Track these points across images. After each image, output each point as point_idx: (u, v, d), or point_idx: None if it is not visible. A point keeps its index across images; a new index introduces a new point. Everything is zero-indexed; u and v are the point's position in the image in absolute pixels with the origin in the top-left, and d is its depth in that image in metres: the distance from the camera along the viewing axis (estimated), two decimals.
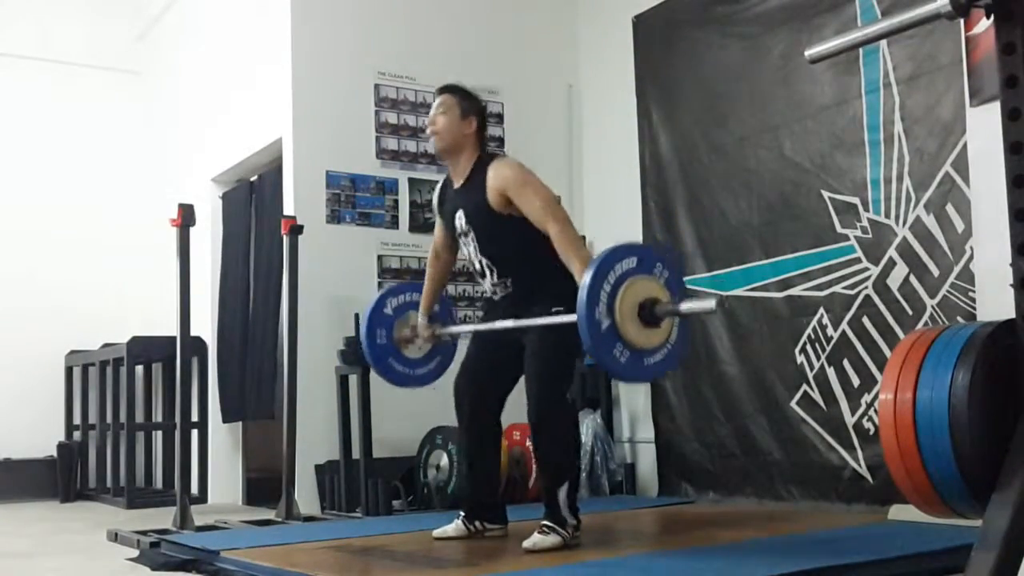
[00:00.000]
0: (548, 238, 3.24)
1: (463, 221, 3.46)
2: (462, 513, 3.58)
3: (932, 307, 4.01)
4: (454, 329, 3.77)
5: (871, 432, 4.17)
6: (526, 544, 3.19)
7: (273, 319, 5.67)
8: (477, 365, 3.57)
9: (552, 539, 3.20)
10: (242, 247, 6.13)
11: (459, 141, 3.48)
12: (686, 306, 2.85)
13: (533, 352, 3.32)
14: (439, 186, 3.68)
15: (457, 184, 3.52)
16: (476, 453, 3.60)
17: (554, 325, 3.24)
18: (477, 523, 3.55)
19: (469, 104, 3.52)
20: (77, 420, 7.03)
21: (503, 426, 3.65)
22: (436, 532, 3.57)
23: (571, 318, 2.88)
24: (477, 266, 3.50)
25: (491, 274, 3.45)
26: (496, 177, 3.35)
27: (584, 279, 2.78)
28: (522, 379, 3.42)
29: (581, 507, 3.36)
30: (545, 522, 3.25)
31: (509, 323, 3.37)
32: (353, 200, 5.42)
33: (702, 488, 4.97)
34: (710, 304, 2.83)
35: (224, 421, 6.18)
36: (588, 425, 5.14)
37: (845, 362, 4.33)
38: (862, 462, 4.24)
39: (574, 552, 3.18)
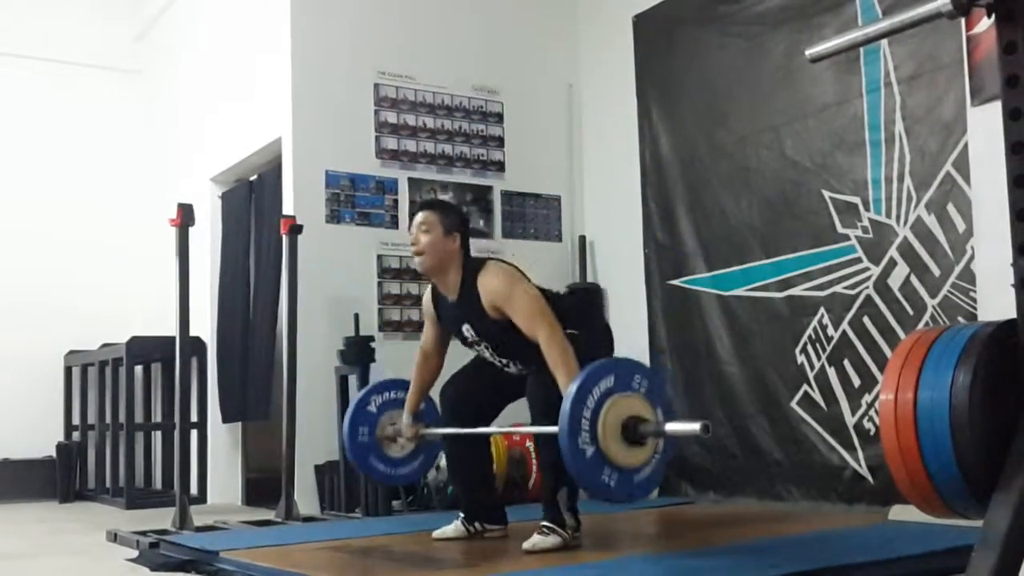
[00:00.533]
0: (563, 307, 3.26)
1: (472, 334, 3.42)
2: (461, 514, 3.58)
3: (933, 307, 4.01)
4: (439, 430, 3.66)
5: (871, 432, 4.17)
6: (526, 545, 3.19)
7: (272, 319, 5.67)
8: (476, 383, 3.53)
9: (552, 540, 3.20)
10: (241, 247, 6.12)
11: (444, 259, 3.39)
12: (671, 427, 2.78)
13: (537, 379, 3.24)
14: (429, 294, 3.57)
15: (451, 298, 3.44)
16: (464, 459, 3.62)
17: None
18: (477, 524, 3.55)
19: (451, 220, 3.42)
20: (76, 420, 7.03)
21: (504, 424, 3.65)
22: (436, 533, 3.56)
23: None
24: (497, 365, 3.48)
25: (513, 365, 3.44)
26: (486, 293, 3.28)
27: (563, 409, 2.70)
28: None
29: (581, 507, 3.36)
30: (545, 523, 3.25)
31: (490, 429, 3.39)
32: (353, 200, 5.41)
33: (702, 488, 4.97)
34: (695, 427, 2.74)
35: (224, 421, 6.18)
36: None
37: (846, 362, 4.33)
38: (862, 462, 4.23)
39: (574, 553, 3.17)
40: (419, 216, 3.46)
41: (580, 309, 3.54)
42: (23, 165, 7.26)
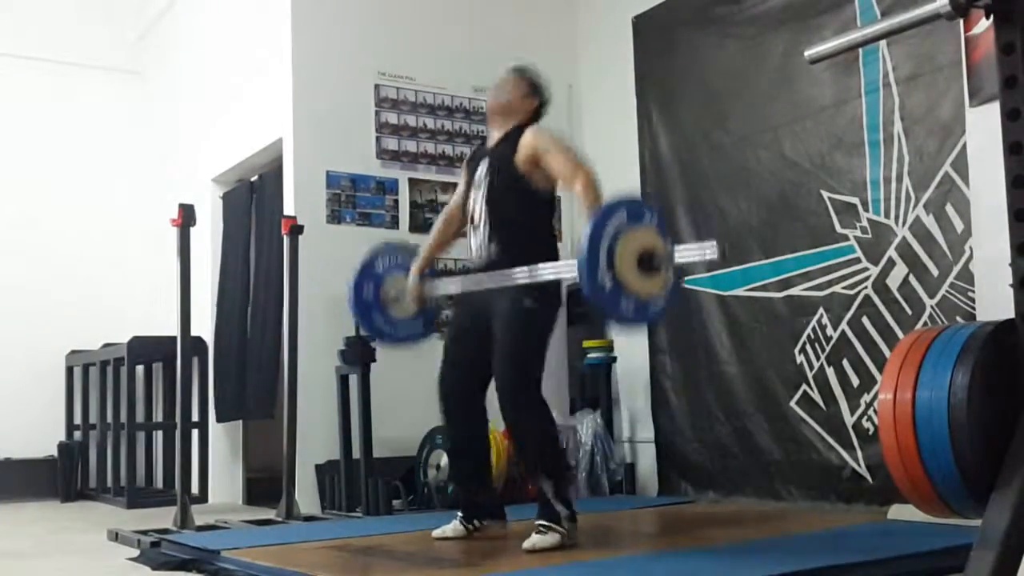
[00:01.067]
0: (547, 218, 3.48)
1: (483, 169, 3.52)
2: (460, 514, 3.59)
3: (931, 307, 4.02)
4: (441, 285, 3.73)
5: (870, 432, 4.18)
6: (525, 545, 3.20)
7: (274, 319, 5.67)
8: (457, 357, 3.58)
9: (551, 538, 3.21)
10: (242, 247, 6.12)
11: (513, 109, 3.58)
12: (683, 251, 2.95)
13: (499, 345, 3.33)
14: (470, 153, 3.77)
15: (491, 143, 3.61)
16: (466, 450, 3.64)
17: (520, 311, 3.31)
18: (475, 521, 3.56)
19: (539, 91, 3.63)
20: (77, 420, 7.03)
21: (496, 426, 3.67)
22: (435, 532, 3.57)
23: (554, 274, 3.13)
24: (476, 215, 3.50)
25: (484, 228, 3.46)
26: (527, 142, 3.44)
27: (581, 246, 2.86)
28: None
29: (581, 507, 3.37)
30: (540, 521, 3.26)
31: (495, 279, 3.40)
32: (353, 200, 5.42)
33: (702, 488, 4.97)
34: (711, 252, 2.88)
35: (218, 421, 6.18)
36: (588, 425, 5.15)
37: (845, 362, 4.34)
38: (861, 462, 4.24)
39: (573, 552, 3.18)
40: (513, 76, 3.65)
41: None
42: (24, 165, 7.25)
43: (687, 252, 2.97)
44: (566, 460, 4.12)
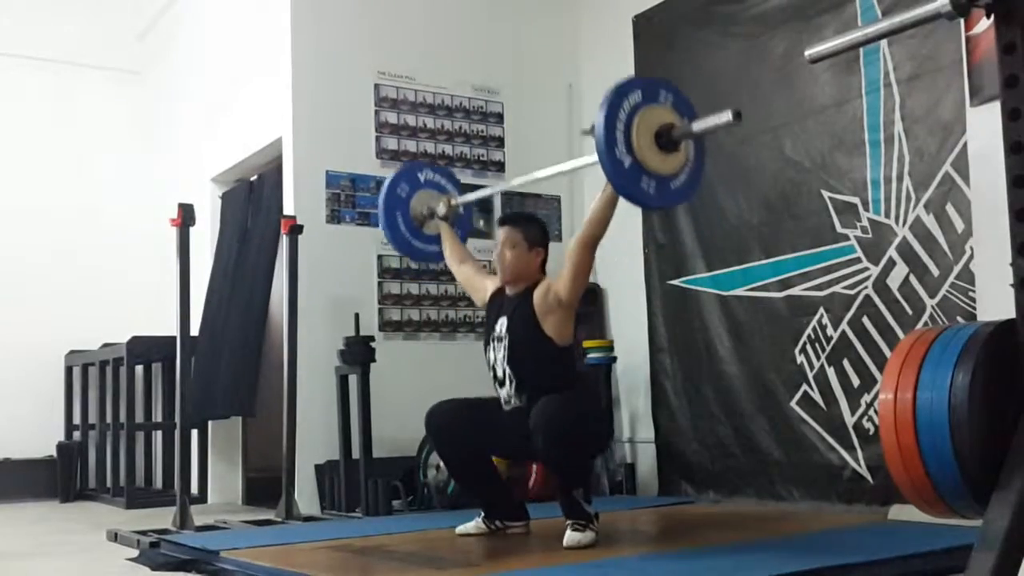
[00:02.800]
0: (569, 366, 3.48)
1: (503, 327, 3.52)
2: (482, 512, 3.60)
3: (932, 307, 4.01)
4: (469, 196, 3.98)
5: (871, 432, 4.17)
6: (567, 543, 3.22)
7: (258, 316, 5.62)
8: (465, 418, 3.57)
9: (588, 535, 3.25)
10: (237, 246, 6.10)
11: (525, 273, 3.55)
12: (700, 124, 2.94)
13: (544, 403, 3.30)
14: (495, 287, 3.70)
15: (511, 292, 3.59)
16: (467, 475, 3.68)
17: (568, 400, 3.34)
18: (497, 522, 3.58)
19: (534, 235, 3.59)
20: (77, 420, 7.03)
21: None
22: (459, 529, 3.60)
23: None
24: (499, 373, 3.53)
25: (509, 385, 3.49)
26: (543, 285, 3.46)
27: (597, 122, 2.85)
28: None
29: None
30: (575, 520, 3.28)
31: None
32: (353, 200, 5.42)
33: (702, 488, 4.97)
34: (726, 116, 2.87)
35: (182, 426, 6.05)
36: None
37: (845, 362, 4.33)
38: (862, 462, 4.24)
39: (574, 552, 3.18)
40: (503, 232, 3.59)
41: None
42: (23, 165, 7.26)
43: (704, 123, 2.94)
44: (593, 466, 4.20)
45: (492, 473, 3.71)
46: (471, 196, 4.05)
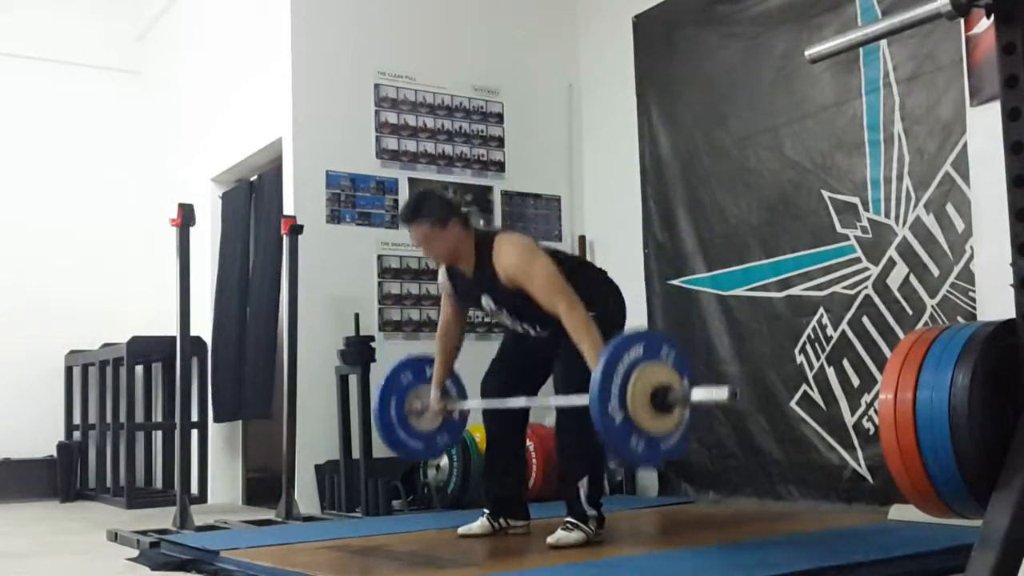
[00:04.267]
0: (580, 286, 3.25)
1: (492, 304, 3.47)
2: (486, 511, 3.60)
3: (932, 307, 4.01)
4: (465, 404, 3.74)
5: (871, 432, 4.17)
6: (550, 540, 3.24)
7: (271, 319, 5.66)
8: (505, 366, 3.64)
9: (576, 535, 3.25)
10: (241, 247, 6.12)
11: (455, 249, 3.43)
12: (698, 394, 2.80)
13: (563, 360, 3.32)
14: (443, 270, 3.60)
15: (468, 275, 3.48)
16: (500, 446, 3.67)
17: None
18: (501, 520, 3.59)
19: (440, 212, 3.40)
20: (77, 420, 7.03)
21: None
22: (461, 529, 3.60)
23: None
24: (519, 329, 3.52)
25: (532, 329, 3.48)
26: (503, 268, 3.32)
27: (594, 376, 2.73)
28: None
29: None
30: (568, 519, 3.29)
31: (522, 400, 3.44)
32: (353, 200, 5.41)
33: (702, 488, 4.97)
34: (723, 394, 2.75)
35: (216, 421, 6.18)
36: None
37: (845, 362, 4.33)
38: (862, 462, 4.24)
39: (574, 552, 3.18)
40: (411, 232, 3.47)
41: (596, 287, 3.51)
42: (23, 165, 7.26)
43: (701, 393, 2.80)
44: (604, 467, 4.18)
45: (520, 451, 3.74)
46: (468, 404, 3.76)
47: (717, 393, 2.78)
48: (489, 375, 3.67)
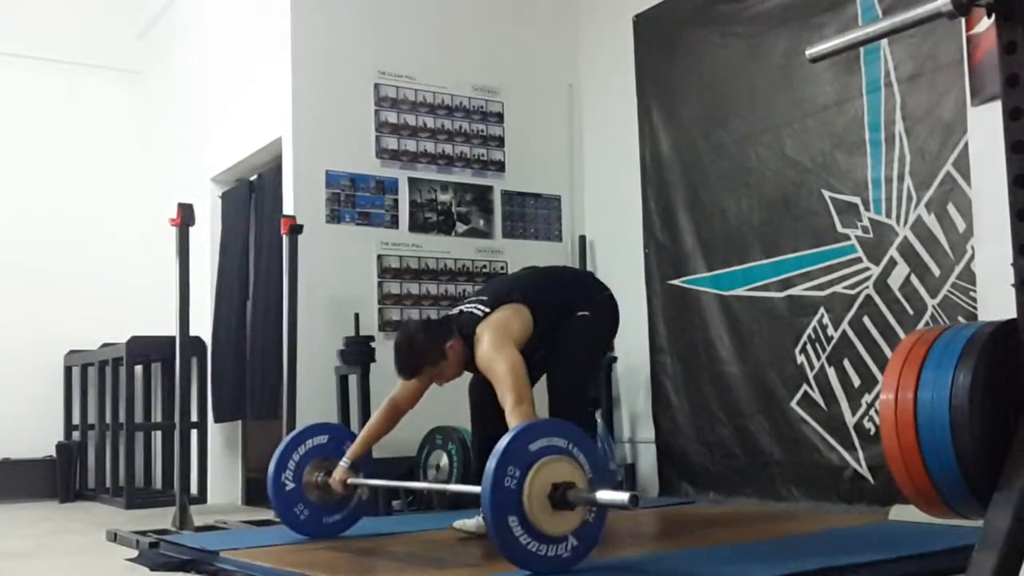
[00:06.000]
0: (570, 294, 3.41)
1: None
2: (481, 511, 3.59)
3: (933, 307, 4.01)
4: (371, 482, 3.62)
5: (872, 432, 4.17)
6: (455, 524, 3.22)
7: (274, 319, 5.65)
8: None
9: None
10: (241, 247, 6.12)
11: (461, 360, 3.43)
12: (602, 495, 2.63)
13: (561, 356, 3.36)
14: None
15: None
16: (491, 448, 3.62)
17: (585, 330, 3.41)
18: None
19: (434, 351, 3.39)
20: (76, 420, 7.03)
21: None
22: (457, 523, 3.57)
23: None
24: None
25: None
26: (478, 360, 3.34)
27: (488, 465, 2.61)
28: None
29: None
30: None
31: (457, 487, 3.49)
32: (353, 200, 5.41)
33: (702, 488, 4.97)
34: (623, 498, 2.57)
35: (216, 421, 6.17)
36: None
37: (846, 362, 4.33)
38: (863, 462, 4.23)
39: None
40: (418, 380, 3.48)
41: (582, 293, 3.65)
42: (23, 165, 7.26)
43: (605, 496, 2.62)
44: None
45: None
46: (364, 482, 3.62)
47: (619, 497, 2.61)
48: (476, 381, 3.62)
